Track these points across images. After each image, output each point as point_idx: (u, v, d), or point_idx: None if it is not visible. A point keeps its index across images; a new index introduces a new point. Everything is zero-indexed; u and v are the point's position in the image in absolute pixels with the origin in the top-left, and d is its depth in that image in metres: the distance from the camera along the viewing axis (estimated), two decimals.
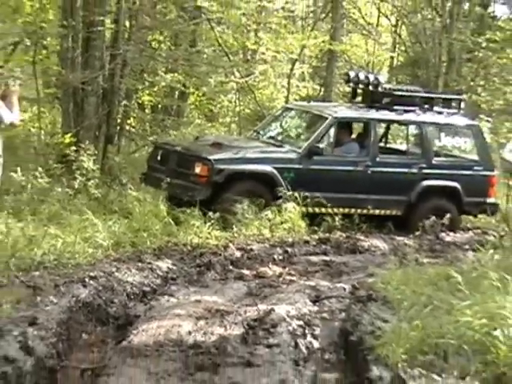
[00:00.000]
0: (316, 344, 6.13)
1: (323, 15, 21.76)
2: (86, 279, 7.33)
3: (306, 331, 6.31)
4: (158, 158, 12.21)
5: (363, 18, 23.94)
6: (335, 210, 11.68)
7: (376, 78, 13.01)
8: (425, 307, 5.45)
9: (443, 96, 13.86)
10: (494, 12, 26.05)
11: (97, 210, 10.42)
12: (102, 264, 8.19)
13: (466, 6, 22.32)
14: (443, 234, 11.64)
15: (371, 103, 12.90)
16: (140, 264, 8.51)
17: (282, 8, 22.31)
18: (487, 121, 17.59)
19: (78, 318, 6.63)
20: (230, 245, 9.99)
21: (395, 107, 12.74)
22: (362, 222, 11.81)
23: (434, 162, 12.61)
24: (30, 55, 15.75)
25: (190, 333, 6.15)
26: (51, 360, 5.55)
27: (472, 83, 21.93)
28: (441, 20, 21.68)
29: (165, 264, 8.77)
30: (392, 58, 25.38)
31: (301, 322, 6.47)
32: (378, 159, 12.33)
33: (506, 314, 4.85)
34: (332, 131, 12.27)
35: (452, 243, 11.10)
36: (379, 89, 12.87)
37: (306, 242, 10.72)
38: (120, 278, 7.77)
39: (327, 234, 11.25)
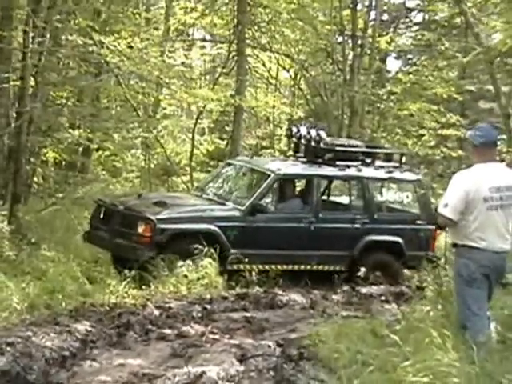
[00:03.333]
0: None
1: (225, 70, 21.84)
2: (3, 346, 7.00)
3: None
4: (101, 216, 11.94)
5: (268, 72, 24.18)
6: (279, 266, 11.67)
7: (318, 134, 12.93)
8: (362, 365, 5.35)
9: (384, 151, 13.97)
10: (386, 66, 26.92)
11: (8, 272, 10.07)
12: (17, 328, 7.85)
13: (366, 59, 22.77)
14: (359, 287, 11.65)
15: (313, 158, 12.85)
16: (57, 327, 8.16)
17: (183, 63, 22.30)
18: None
19: None
20: (148, 303, 9.73)
21: (337, 162, 12.70)
22: (278, 276, 11.74)
23: (376, 216, 12.58)
24: None
25: None
26: None
27: (374, 135, 22.39)
28: (342, 73, 22.11)
29: (83, 326, 8.41)
30: (291, 110, 25.61)
31: None
32: (320, 215, 12.26)
33: (449, 372, 4.79)
34: (275, 188, 12.23)
35: (369, 295, 11.10)
36: (321, 144, 12.85)
37: (225, 297, 10.52)
38: (38, 343, 7.41)
39: (245, 290, 11.12)
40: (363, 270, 12.17)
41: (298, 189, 13.25)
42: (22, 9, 14.60)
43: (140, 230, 11.20)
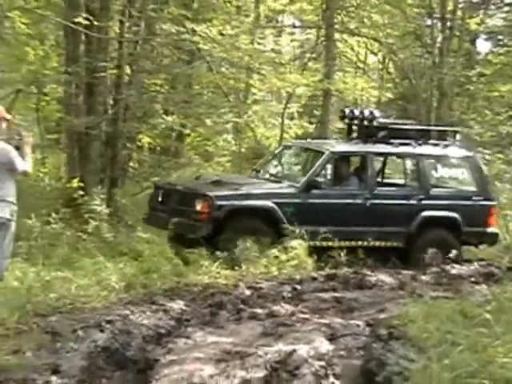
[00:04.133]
0: None
1: (314, 55, 21.77)
2: (103, 323, 7.16)
3: (328, 371, 6.11)
4: (159, 198, 12.07)
5: (357, 56, 24.00)
6: (336, 243, 11.51)
7: (371, 113, 12.92)
8: (452, 345, 5.26)
9: (438, 128, 13.79)
10: (476, 48, 26.34)
11: (106, 252, 10.29)
12: (116, 307, 8.03)
13: (455, 41, 22.33)
14: (448, 267, 11.49)
15: (367, 138, 12.76)
16: (153, 306, 8.31)
17: (272, 49, 22.26)
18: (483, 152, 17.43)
19: (98, 363, 6.44)
20: (240, 283, 9.83)
21: (391, 140, 12.63)
22: (367, 257, 11.67)
23: (432, 193, 12.46)
24: (32, 102, 15.76)
25: (212, 376, 5.94)
26: None
27: (464, 116, 22.01)
28: (430, 56, 21.77)
29: (177, 305, 8.56)
30: (380, 93, 25.32)
31: (322, 363, 6.26)
32: (376, 191, 12.20)
33: None
34: (329, 165, 12.18)
35: (458, 276, 10.93)
36: (374, 123, 12.80)
37: (314, 278, 10.54)
38: (135, 321, 7.57)
39: (334, 270, 11.11)
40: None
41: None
42: (118, 0, 14.83)
43: (198, 207, 11.22)
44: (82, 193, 12.07)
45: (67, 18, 13.34)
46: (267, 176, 12.72)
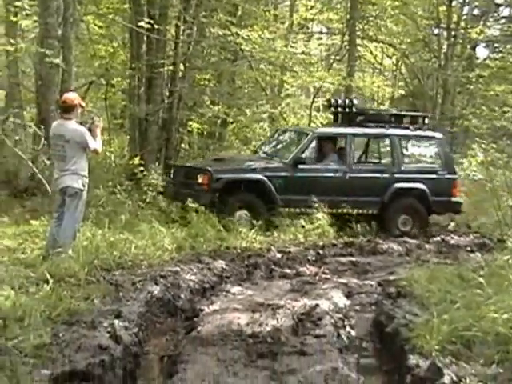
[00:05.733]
0: (354, 334, 5.94)
1: (338, 57, 21.60)
2: (157, 278, 7.21)
3: (345, 323, 6.10)
4: (171, 174, 12.13)
5: (374, 58, 23.80)
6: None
7: (350, 101, 12.75)
8: (451, 303, 5.22)
9: (410, 114, 13.47)
10: (476, 53, 25.99)
11: (161, 219, 10.32)
12: (168, 264, 8.07)
13: (458, 48, 22.08)
14: (448, 238, 11.38)
15: (348, 122, 12.59)
16: (199, 264, 8.36)
17: (303, 52, 22.07)
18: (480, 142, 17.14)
19: (153, 310, 6.51)
20: (272, 248, 9.83)
21: (368, 124, 12.46)
22: (381, 229, 11.61)
23: (403, 168, 12.21)
24: (101, 92, 15.83)
25: (248, 324, 5.96)
26: (135, 347, 5.41)
27: (464, 111, 21.74)
28: (437, 60, 21.55)
29: (219, 264, 8.60)
30: (393, 90, 25.11)
31: (340, 315, 6.26)
32: (354, 167, 12.03)
33: None
34: (313, 144, 11.96)
35: (456, 245, 10.83)
36: (353, 109, 12.61)
37: (334, 245, 10.53)
38: (184, 277, 7.61)
39: (351, 239, 11.07)
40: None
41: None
42: (174, 7, 14.79)
43: (200, 179, 11.25)
44: (141, 169, 12.08)
45: (132, 22, 13.33)
46: (263, 154, 12.61)
